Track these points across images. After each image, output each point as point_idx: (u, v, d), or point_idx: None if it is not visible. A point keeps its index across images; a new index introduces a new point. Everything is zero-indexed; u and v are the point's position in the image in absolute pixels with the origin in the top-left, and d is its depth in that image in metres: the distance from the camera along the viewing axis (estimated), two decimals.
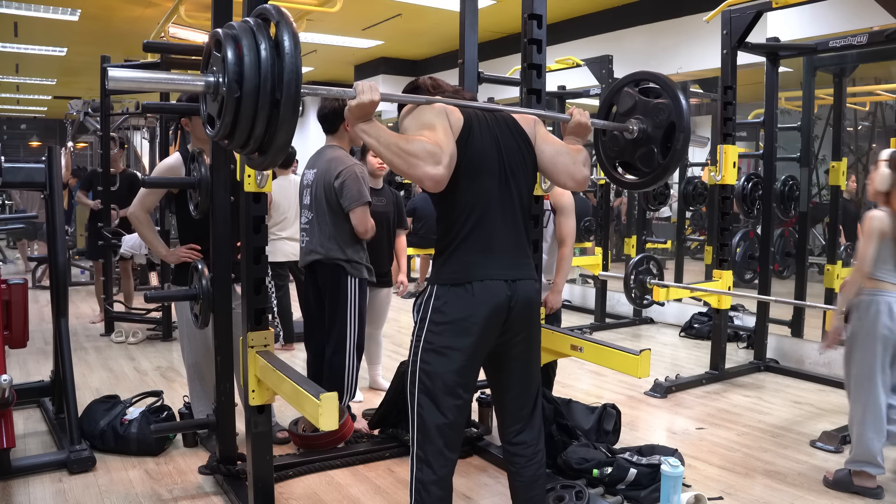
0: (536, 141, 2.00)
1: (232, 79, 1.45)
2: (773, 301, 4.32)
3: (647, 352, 2.27)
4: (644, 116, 2.12)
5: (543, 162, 2.00)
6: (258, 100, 1.45)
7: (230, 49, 1.47)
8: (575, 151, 2.01)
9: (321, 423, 1.79)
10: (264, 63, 1.45)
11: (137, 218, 3.01)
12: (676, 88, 2.08)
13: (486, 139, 1.88)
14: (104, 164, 5.48)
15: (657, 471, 2.56)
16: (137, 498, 2.64)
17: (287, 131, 1.50)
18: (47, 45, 9.68)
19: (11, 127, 20.87)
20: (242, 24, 1.51)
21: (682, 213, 6.62)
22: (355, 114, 1.68)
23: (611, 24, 7.31)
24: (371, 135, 1.70)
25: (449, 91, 2.03)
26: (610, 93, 2.25)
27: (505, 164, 1.90)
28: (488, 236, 1.86)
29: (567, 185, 2.08)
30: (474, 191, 1.85)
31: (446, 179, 1.72)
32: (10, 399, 2.63)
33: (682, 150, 2.09)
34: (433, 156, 1.68)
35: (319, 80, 12.48)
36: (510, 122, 1.97)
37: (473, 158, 1.85)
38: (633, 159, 2.21)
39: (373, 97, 1.66)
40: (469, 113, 1.88)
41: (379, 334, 3.98)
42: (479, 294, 1.81)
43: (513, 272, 1.88)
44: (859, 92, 6.46)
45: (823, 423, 3.49)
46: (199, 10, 6.35)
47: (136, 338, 5.23)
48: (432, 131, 1.74)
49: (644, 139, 2.12)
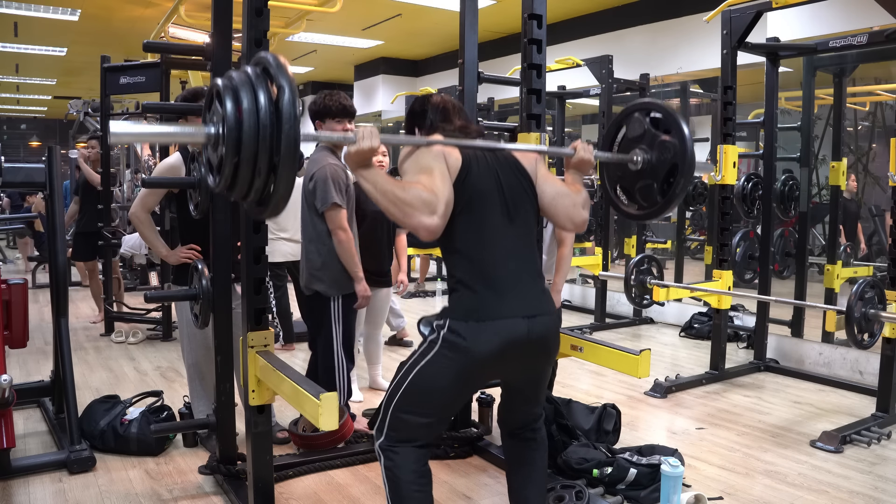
0: (537, 180, 2.01)
1: (231, 143, 1.48)
2: (773, 301, 4.32)
3: (647, 352, 2.27)
4: (650, 148, 2.10)
5: (543, 202, 2.01)
6: (256, 164, 1.49)
7: (229, 105, 1.49)
8: (575, 192, 2.01)
9: (321, 423, 1.79)
10: (263, 128, 1.47)
11: (138, 218, 3.01)
12: (685, 127, 2.06)
13: (485, 178, 1.88)
14: (104, 164, 5.48)
15: (657, 471, 2.56)
16: (137, 498, 2.64)
17: (286, 186, 1.52)
18: (47, 45, 9.68)
19: (11, 127, 20.88)
20: (242, 75, 1.53)
21: (682, 213, 6.62)
22: (354, 159, 1.70)
23: (611, 24, 7.32)
24: (369, 181, 1.72)
25: (455, 126, 2.02)
26: (620, 115, 2.23)
27: (507, 201, 1.90)
28: (498, 274, 1.84)
29: (566, 228, 2.09)
30: (475, 230, 1.86)
31: (441, 229, 1.74)
32: (10, 399, 2.63)
33: (681, 193, 2.08)
34: (428, 205, 1.70)
35: (319, 80, 12.49)
36: (511, 161, 1.97)
37: (472, 199, 1.85)
38: (633, 189, 2.21)
39: (372, 144, 1.68)
40: (468, 154, 1.88)
41: (379, 334, 3.98)
42: (495, 333, 1.79)
43: (529, 308, 1.85)
44: (859, 92, 6.45)
45: (823, 423, 3.49)
46: (199, 10, 6.35)
47: (136, 338, 5.23)
48: (429, 176, 1.76)
49: (647, 172, 2.12)
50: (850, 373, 4.32)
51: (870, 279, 3.38)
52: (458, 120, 2.04)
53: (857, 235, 6.21)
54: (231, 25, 2.54)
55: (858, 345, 3.34)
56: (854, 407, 3.83)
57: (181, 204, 3.01)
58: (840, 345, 4.51)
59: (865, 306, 3.30)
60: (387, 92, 10.56)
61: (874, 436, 3.28)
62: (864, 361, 4.22)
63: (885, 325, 3.42)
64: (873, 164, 6.49)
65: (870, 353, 3.91)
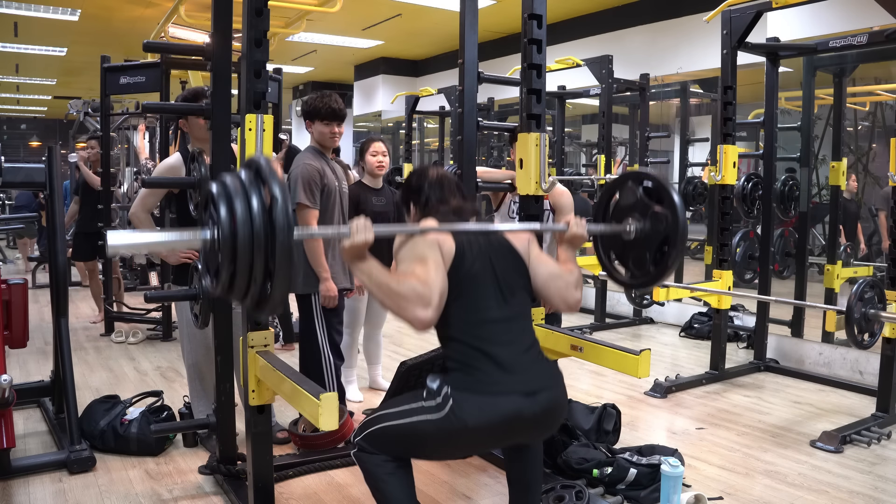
0: (531, 261, 2.02)
1: (226, 252, 1.52)
2: (773, 301, 4.32)
3: (647, 352, 2.27)
4: (642, 218, 2.13)
5: (537, 284, 2.02)
6: (251, 275, 1.53)
7: (224, 211, 1.53)
8: (567, 272, 2.03)
9: (321, 423, 1.79)
10: (258, 236, 1.50)
11: (138, 218, 3.01)
12: (677, 199, 2.08)
13: (479, 263, 1.90)
14: (104, 164, 5.48)
15: (657, 471, 2.56)
16: (137, 498, 2.64)
17: (282, 291, 1.56)
18: (47, 45, 9.68)
19: (11, 127, 20.88)
20: (235, 181, 1.57)
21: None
22: (350, 253, 1.74)
23: (611, 24, 7.32)
24: (364, 272, 1.76)
25: (451, 207, 2.04)
26: (613, 183, 2.26)
27: (501, 284, 1.92)
28: (496, 356, 1.84)
29: (560, 309, 2.12)
30: (471, 315, 1.87)
31: (435, 321, 1.78)
32: (10, 399, 2.63)
33: (673, 265, 2.10)
34: (422, 298, 1.73)
35: (319, 80, 12.49)
36: (503, 244, 2.00)
37: (467, 284, 1.87)
38: (626, 257, 2.23)
39: (366, 237, 1.72)
40: (461, 240, 1.91)
41: (378, 334, 3.98)
42: (495, 410, 1.78)
43: (530, 385, 1.85)
44: (859, 92, 6.45)
45: (823, 423, 3.49)
46: (199, 10, 6.35)
47: (136, 338, 5.23)
48: (424, 266, 1.79)
49: (640, 242, 2.14)
50: (850, 373, 4.32)
51: (870, 279, 3.38)
52: (454, 200, 2.07)
53: (857, 235, 6.21)
54: (231, 25, 2.54)
55: (858, 345, 3.34)
56: (854, 407, 3.83)
57: (181, 204, 3.01)
58: (840, 345, 4.51)
59: (865, 306, 3.30)
60: (387, 92, 10.55)
61: (874, 436, 3.28)
62: (864, 361, 4.22)
63: (885, 325, 3.42)
64: (873, 164, 6.49)
65: (870, 353, 3.91)
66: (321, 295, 3.08)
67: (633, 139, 6.90)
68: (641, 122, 6.19)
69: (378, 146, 3.65)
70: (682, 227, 2.02)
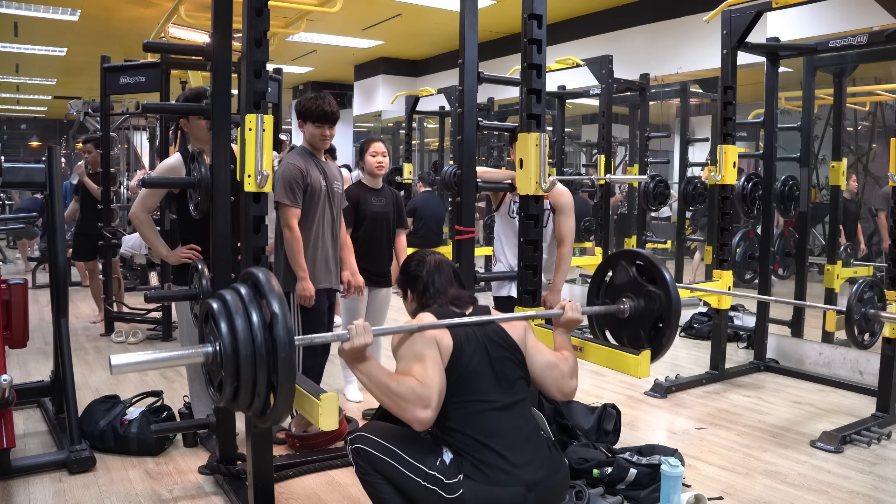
0: (527, 350, 2.05)
1: (229, 370, 1.56)
2: (773, 301, 4.32)
3: (647, 352, 2.27)
4: (636, 297, 2.15)
5: (533, 373, 2.04)
6: (255, 390, 1.58)
7: (224, 327, 1.57)
8: (562, 360, 2.06)
9: (321, 423, 1.79)
10: (259, 353, 1.55)
11: (139, 218, 3.01)
12: (669, 278, 2.11)
13: (476, 357, 1.93)
14: (104, 164, 5.48)
15: (657, 471, 2.56)
16: (137, 498, 2.64)
17: (286, 402, 1.61)
18: (47, 45, 9.68)
19: (11, 127, 20.89)
20: (235, 298, 1.60)
21: (682, 213, 6.61)
22: (350, 355, 1.79)
23: (611, 24, 7.32)
24: (364, 373, 1.81)
25: (448, 298, 2.07)
26: (606, 262, 2.30)
27: (499, 375, 1.95)
28: (496, 448, 1.85)
29: (556, 397, 2.13)
30: (470, 408, 1.89)
31: (433, 419, 1.81)
32: (10, 399, 2.63)
33: (668, 345, 2.14)
34: (421, 399, 1.78)
35: (319, 80, 12.49)
36: (500, 335, 2.02)
37: (465, 378, 1.90)
38: (621, 335, 2.26)
39: (365, 340, 1.77)
40: (458, 334, 1.94)
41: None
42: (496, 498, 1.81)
43: (533, 475, 1.86)
44: (859, 92, 6.45)
45: (823, 423, 3.49)
46: (199, 10, 6.35)
47: (136, 338, 5.23)
48: (422, 365, 1.83)
49: (634, 319, 2.17)
50: (850, 373, 4.32)
51: (869, 279, 3.38)
52: (452, 289, 2.11)
53: (857, 235, 6.21)
54: (231, 25, 2.54)
55: (858, 345, 3.34)
56: (854, 407, 3.83)
57: (181, 204, 3.01)
58: (840, 345, 4.51)
59: (865, 306, 3.30)
60: (387, 92, 10.55)
61: (874, 436, 3.28)
62: (864, 361, 4.22)
63: (885, 325, 3.42)
64: (873, 164, 6.49)
65: (870, 353, 3.91)
66: (297, 294, 3.05)
67: (633, 139, 6.90)
68: (641, 122, 6.19)
69: (378, 146, 3.65)
70: (676, 305, 2.07)
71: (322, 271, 3.14)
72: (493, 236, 3.67)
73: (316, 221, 3.11)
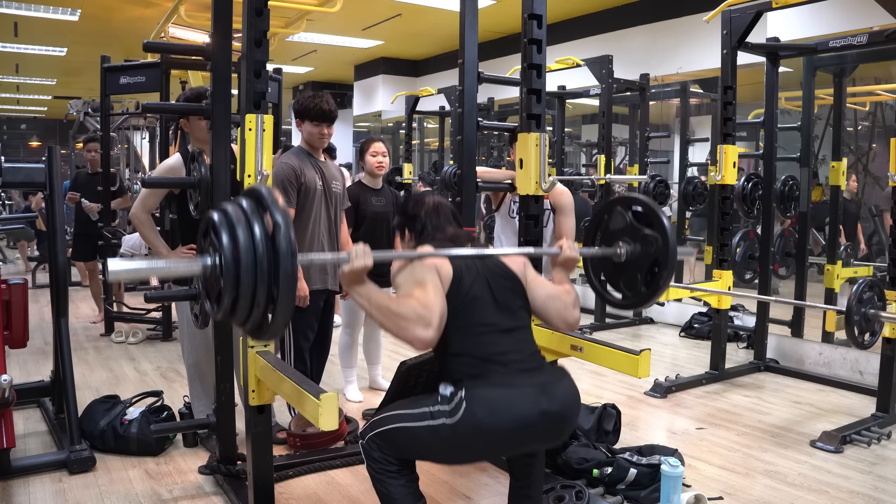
0: (527, 283, 2.05)
1: (229, 280, 1.53)
2: (773, 301, 4.32)
3: (647, 352, 2.27)
4: (632, 241, 2.14)
5: (535, 305, 2.04)
6: (254, 300, 1.54)
7: (226, 239, 1.53)
8: (565, 294, 2.06)
9: (321, 423, 1.79)
10: (260, 264, 1.52)
11: (139, 219, 3.01)
12: (666, 221, 2.10)
13: (476, 286, 1.93)
14: (104, 164, 5.48)
15: (657, 471, 2.56)
16: (137, 498, 2.64)
17: (284, 316, 1.57)
18: (47, 45, 9.68)
19: (11, 127, 20.89)
20: (237, 210, 1.57)
21: (682, 213, 6.61)
22: (349, 278, 1.76)
23: (611, 24, 7.32)
24: (364, 296, 1.78)
25: (447, 236, 2.06)
26: (602, 209, 2.28)
27: (500, 303, 1.94)
28: (502, 365, 1.86)
29: (559, 328, 2.14)
30: (472, 332, 1.89)
31: (436, 340, 1.79)
32: (10, 399, 2.63)
33: (665, 286, 2.12)
34: (422, 319, 1.75)
35: (319, 80, 12.49)
36: (500, 267, 2.02)
37: (466, 305, 1.89)
38: (617, 280, 2.24)
39: (365, 262, 1.75)
40: (458, 264, 1.94)
41: (379, 334, 3.98)
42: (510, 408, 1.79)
43: (544, 382, 1.86)
44: (859, 92, 6.45)
45: (823, 423, 3.49)
46: (199, 10, 6.35)
47: (136, 338, 5.23)
48: (423, 289, 1.81)
49: (630, 264, 2.15)
50: (850, 373, 4.32)
51: (869, 279, 3.38)
52: (450, 227, 2.10)
53: (857, 235, 6.21)
54: (231, 25, 2.54)
55: (858, 345, 3.34)
56: (854, 407, 3.83)
57: (181, 204, 3.01)
58: (840, 345, 4.51)
59: (865, 306, 3.30)
60: (387, 92, 10.55)
61: (874, 436, 3.28)
62: (864, 361, 4.22)
63: (885, 325, 3.42)
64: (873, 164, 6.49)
65: (870, 353, 3.90)
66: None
67: (633, 139, 6.90)
68: (641, 122, 6.19)
69: (378, 146, 3.64)
70: (672, 249, 2.06)
71: (317, 272, 3.12)
72: (493, 236, 3.67)
73: (311, 221, 3.08)
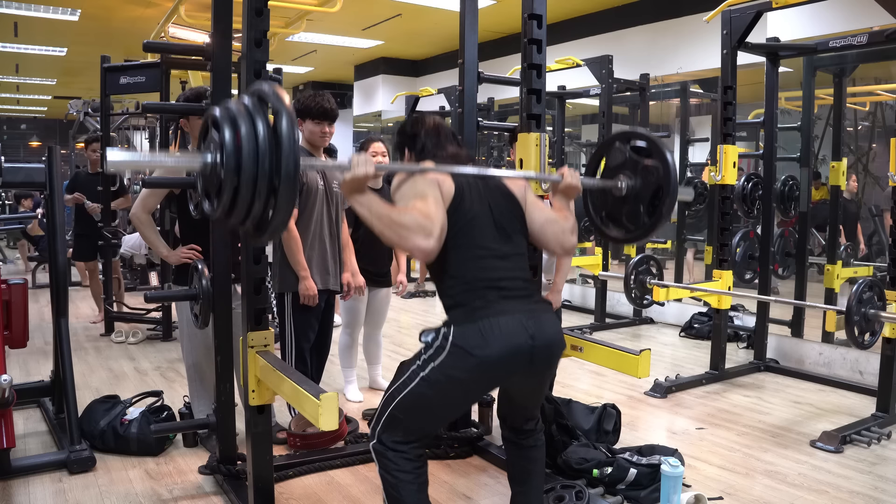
0: (527, 207, 2.04)
1: (230, 166, 1.48)
2: (773, 301, 4.32)
3: (647, 352, 2.27)
4: (633, 174, 2.13)
5: (533, 229, 2.04)
6: (256, 186, 1.49)
7: (227, 132, 1.49)
8: (563, 219, 2.05)
9: (321, 423, 1.79)
10: (262, 151, 1.47)
11: (139, 219, 3.01)
12: (666, 150, 2.09)
13: (477, 205, 1.92)
14: (104, 164, 5.48)
15: (657, 471, 2.56)
16: (137, 498, 2.64)
17: (284, 213, 1.54)
18: (47, 45, 9.68)
19: (11, 127, 20.87)
20: (238, 105, 1.54)
21: (682, 213, 6.62)
22: (350, 186, 1.73)
23: (611, 24, 7.32)
24: (364, 205, 1.74)
25: (447, 154, 2.05)
26: (601, 147, 2.27)
27: (499, 225, 1.94)
28: (495, 291, 1.86)
29: (556, 252, 2.12)
30: (469, 253, 1.88)
31: (436, 251, 1.76)
32: (10, 399, 2.63)
33: (668, 213, 2.11)
34: (423, 228, 1.72)
35: (319, 80, 12.50)
36: (501, 188, 2.01)
37: (465, 224, 1.88)
38: (619, 214, 2.23)
39: (367, 170, 1.71)
40: (461, 181, 1.92)
41: (378, 334, 3.98)
42: (501, 333, 1.80)
43: (530, 307, 1.88)
44: (859, 92, 6.45)
45: (823, 423, 3.49)
46: (199, 10, 6.36)
47: (136, 338, 5.23)
48: (424, 202, 1.78)
49: (632, 197, 2.14)
50: (850, 373, 4.32)
51: (869, 279, 3.38)
52: (451, 146, 2.08)
53: (856, 235, 6.21)
54: (231, 25, 2.54)
55: (858, 345, 3.34)
56: (854, 407, 3.83)
57: (181, 204, 3.01)
58: (840, 345, 4.51)
59: (865, 306, 3.30)
60: (387, 92, 10.56)
61: (874, 436, 3.28)
62: (864, 361, 4.22)
63: (885, 325, 3.42)
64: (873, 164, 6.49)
65: (870, 353, 3.91)
66: (300, 294, 3.04)
67: None
68: (641, 122, 6.19)
69: (377, 146, 3.64)
70: (674, 175, 2.03)
71: (318, 272, 3.13)
72: None
73: (314, 221, 3.09)
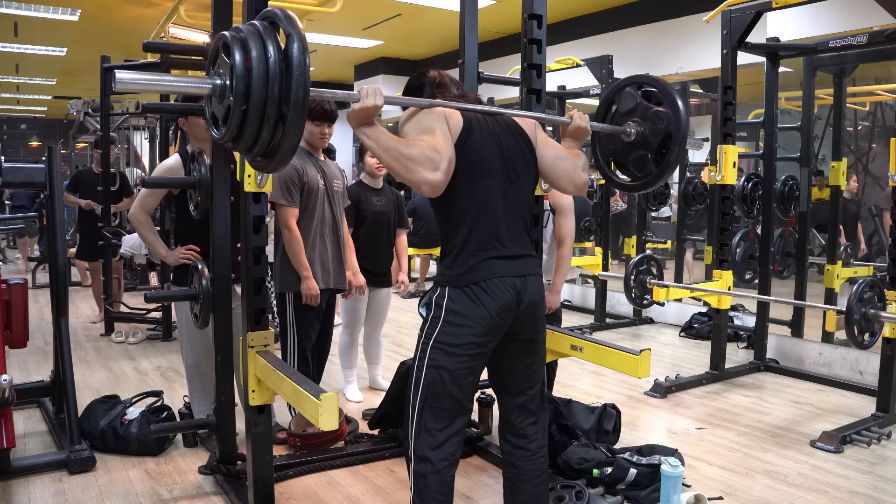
0: (537, 144, 2.00)
1: (239, 90, 1.45)
2: (773, 301, 4.32)
3: (647, 352, 2.27)
4: (642, 120, 2.10)
5: (544, 166, 2.01)
6: (265, 112, 1.46)
7: (238, 55, 1.46)
8: (574, 156, 2.01)
9: (321, 423, 1.79)
10: (273, 75, 1.44)
11: (137, 219, 3.01)
12: (678, 98, 2.06)
13: (486, 141, 1.88)
14: (104, 163, 5.48)
15: (657, 471, 2.56)
16: (137, 498, 2.64)
17: (293, 138, 1.50)
18: (47, 45, 9.68)
19: (11, 127, 20.87)
20: (250, 27, 1.50)
21: (682, 213, 6.62)
22: (357, 117, 1.68)
23: (611, 24, 7.32)
24: (371, 137, 1.70)
25: (453, 94, 2.02)
26: (612, 91, 2.24)
27: (507, 164, 1.91)
28: (491, 236, 1.86)
29: (567, 190, 2.09)
30: (474, 193, 1.85)
31: (444, 185, 1.73)
32: (10, 399, 2.63)
33: (676, 161, 2.08)
34: (431, 161, 1.68)
35: (319, 79, 12.48)
36: (512, 125, 1.97)
37: (472, 161, 1.84)
38: (626, 161, 2.21)
39: (376, 101, 1.67)
40: (469, 116, 1.88)
41: (378, 334, 3.98)
42: (489, 293, 1.82)
43: (520, 269, 1.88)
44: (859, 92, 6.46)
45: (823, 423, 3.49)
46: (199, 10, 6.35)
47: (136, 338, 5.23)
48: (432, 136, 1.74)
49: (640, 143, 2.11)
50: (850, 373, 4.32)
51: (870, 279, 3.38)
52: (456, 90, 2.05)
53: (857, 235, 6.21)
54: (231, 25, 2.54)
55: (858, 345, 3.34)
56: (854, 407, 3.83)
57: (181, 204, 3.01)
58: (840, 345, 4.51)
59: (865, 306, 3.30)
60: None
61: (874, 436, 3.28)
62: (864, 361, 4.22)
63: (885, 325, 3.42)
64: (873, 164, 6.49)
65: (870, 353, 3.91)
66: (303, 294, 3.04)
67: None
68: None
69: None
70: (684, 123, 2.00)
71: (320, 272, 3.13)
72: None
73: (315, 221, 3.10)
